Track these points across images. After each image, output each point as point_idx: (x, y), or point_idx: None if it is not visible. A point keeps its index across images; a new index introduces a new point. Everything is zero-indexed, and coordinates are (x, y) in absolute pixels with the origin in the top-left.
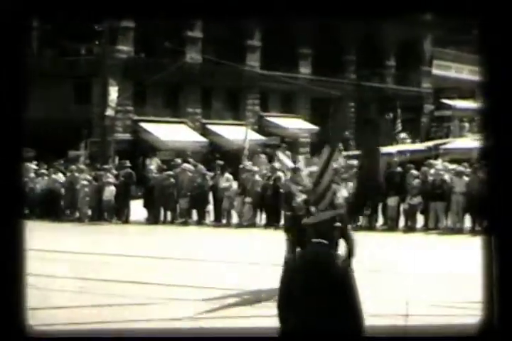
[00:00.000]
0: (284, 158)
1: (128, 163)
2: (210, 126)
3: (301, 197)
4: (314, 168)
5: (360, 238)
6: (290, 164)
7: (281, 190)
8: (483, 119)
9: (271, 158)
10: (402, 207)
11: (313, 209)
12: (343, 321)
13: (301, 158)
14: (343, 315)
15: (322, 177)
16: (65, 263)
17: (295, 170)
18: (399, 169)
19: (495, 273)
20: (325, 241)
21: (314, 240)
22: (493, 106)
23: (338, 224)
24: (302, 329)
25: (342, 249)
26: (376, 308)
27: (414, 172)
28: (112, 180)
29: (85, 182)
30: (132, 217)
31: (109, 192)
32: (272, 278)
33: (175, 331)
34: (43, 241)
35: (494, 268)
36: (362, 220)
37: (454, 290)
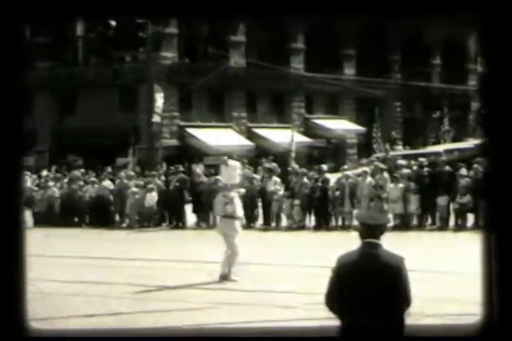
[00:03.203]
0: None
1: (181, 168)
2: (255, 130)
3: None
4: None
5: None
6: None
7: (330, 192)
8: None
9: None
10: (452, 206)
11: None
12: (390, 320)
13: None
14: (390, 315)
15: None
16: (117, 270)
17: None
18: (447, 168)
19: (494, 274)
20: (376, 241)
21: (366, 240)
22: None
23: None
24: (354, 328)
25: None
26: None
27: (464, 171)
28: (154, 186)
29: (134, 189)
30: None
31: (151, 198)
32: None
33: (175, 331)
34: (93, 248)
35: (494, 269)
36: (412, 220)
37: None
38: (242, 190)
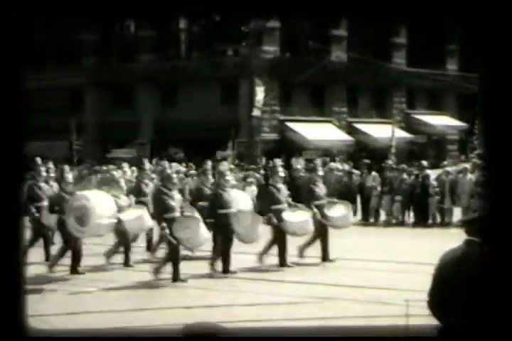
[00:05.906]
0: None
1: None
2: (356, 125)
3: None
4: None
5: None
6: None
7: (431, 188)
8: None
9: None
10: None
11: None
12: (487, 321)
13: None
14: (488, 316)
15: None
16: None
17: None
18: None
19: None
20: (474, 239)
21: (466, 238)
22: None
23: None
24: (452, 329)
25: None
26: None
27: None
28: (253, 180)
29: (233, 182)
30: None
31: (250, 192)
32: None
33: (175, 331)
34: None
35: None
36: None
37: None
38: None
